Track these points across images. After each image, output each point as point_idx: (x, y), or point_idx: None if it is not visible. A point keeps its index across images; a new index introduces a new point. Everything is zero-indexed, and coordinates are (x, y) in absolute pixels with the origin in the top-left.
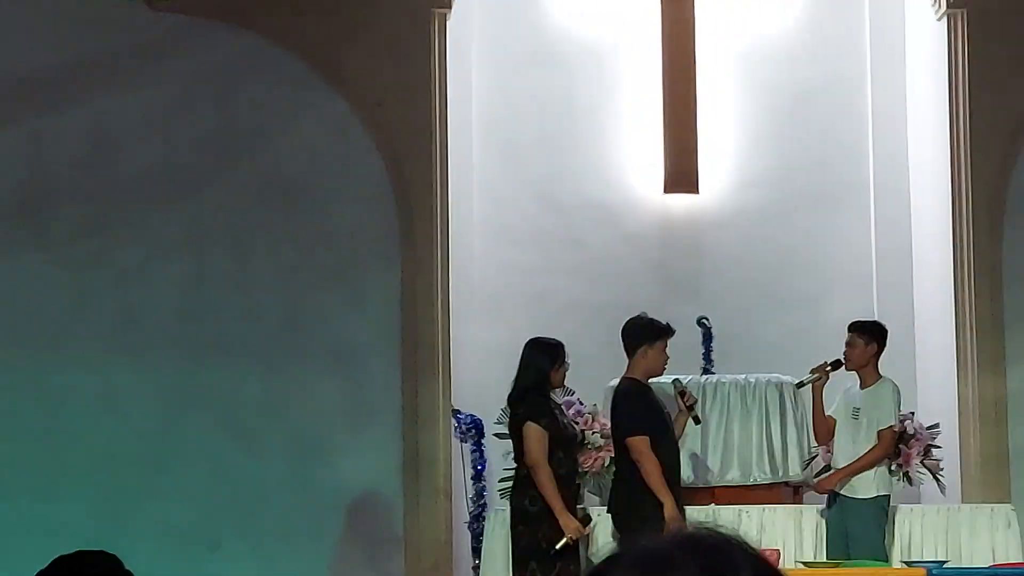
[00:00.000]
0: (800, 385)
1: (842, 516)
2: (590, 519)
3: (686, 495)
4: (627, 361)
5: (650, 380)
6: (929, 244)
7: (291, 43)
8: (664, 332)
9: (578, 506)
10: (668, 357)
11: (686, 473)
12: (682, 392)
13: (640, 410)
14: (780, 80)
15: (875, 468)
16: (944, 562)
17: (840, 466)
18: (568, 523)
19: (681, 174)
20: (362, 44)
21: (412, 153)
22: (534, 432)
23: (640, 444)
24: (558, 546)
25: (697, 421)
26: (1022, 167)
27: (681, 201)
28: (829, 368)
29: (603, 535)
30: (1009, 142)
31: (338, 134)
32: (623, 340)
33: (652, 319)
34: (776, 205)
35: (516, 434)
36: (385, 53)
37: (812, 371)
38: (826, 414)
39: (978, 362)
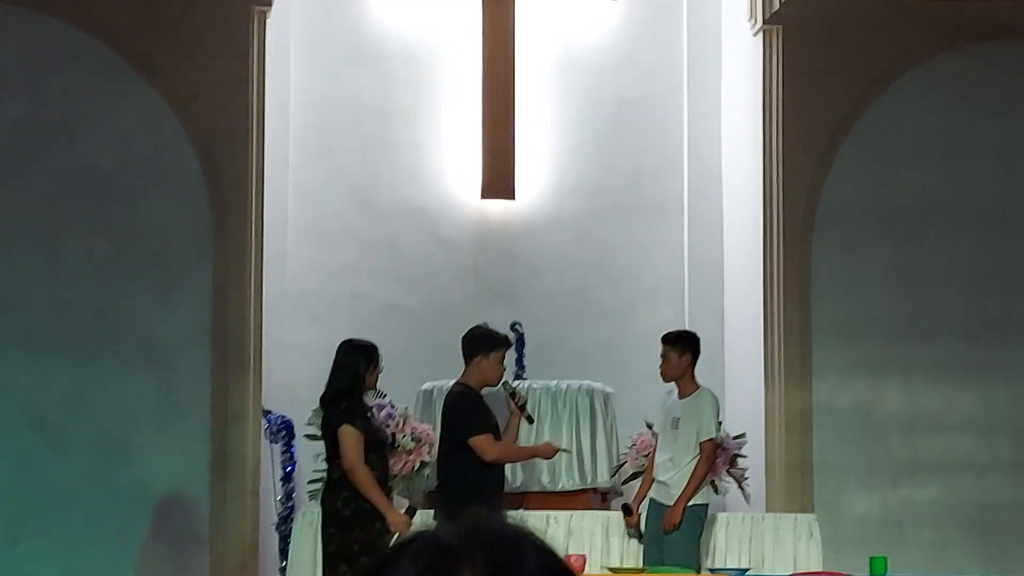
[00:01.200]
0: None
1: (659, 523)
2: (415, 510)
3: None
4: (442, 364)
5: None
6: (740, 255)
7: (105, 33)
8: (501, 344)
9: (404, 499)
10: (504, 369)
11: None
12: (512, 393)
13: (475, 410)
14: (598, 89)
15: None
16: (747, 570)
17: (659, 476)
18: (396, 519)
19: (498, 180)
20: (179, 37)
21: (227, 149)
22: (350, 434)
23: (483, 442)
24: (392, 543)
25: (530, 420)
26: (832, 182)
27: (497, 207)
28: (627, 517)
29: None
30: (820, 157)
31: (152, 127)
32: (462, 347)
33: (491, 330)
34: (591, 213)
35: (330, 436)
36: (202, 47)
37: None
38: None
39: (785, 373)
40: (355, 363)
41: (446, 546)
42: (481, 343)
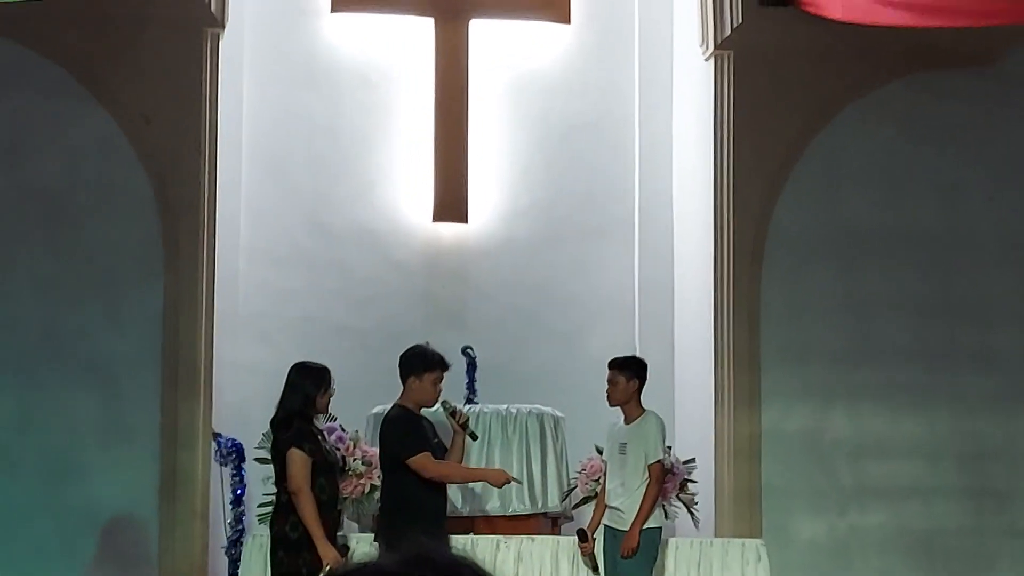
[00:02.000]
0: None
1: (615, 548)
2: (348, 548)
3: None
4: (393, 387)
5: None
6: (690, 280)
7: (56, 54)
8: (436, 365)
9: (339, 533)
10: (441, 390)
11: None
12: (453, 412)
13: (411, 431)
14: (550, 113)
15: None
16: None
17: (611, 502)
18: (327, 552)
19: (450, 203)
20: (131, 59)
21: (179, 171)
22: (297, 458)
23: (422, 461)
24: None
25: (474, 437)
26: (783, 207)
27: (449, 230)
28: (582, 544)
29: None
30: (771, 182)
31: (103, 148)
32: (399, 368)
33: (427, 350)
34: (542, 237)
35: (279, 459)
36: (154, 69)
37: (582, 552)
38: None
39: (734, 398)
40: (305, 385)
41: (388, 574)
42: (415, 364)
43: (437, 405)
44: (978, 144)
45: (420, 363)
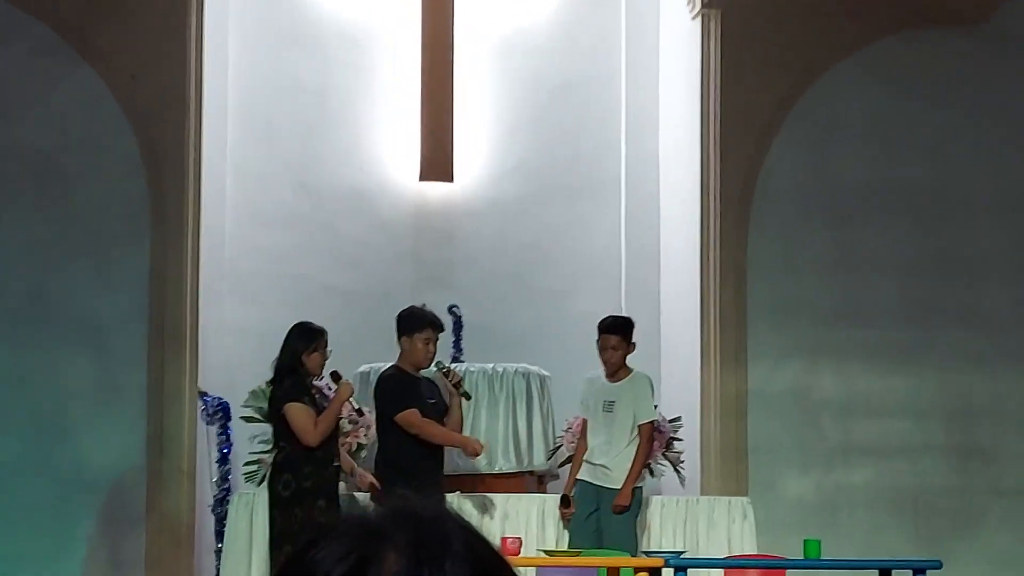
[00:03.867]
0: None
1: (597, 506)
2: (339, 375)
3: None
4: (380, 346)
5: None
6: (677, 239)
7: (43, 13)
8: (426, 325)
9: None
10: (433, 350)
11: None
12: (446, 372)
13: (401, 390)
14: (536, 73)
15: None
16: (681, 553)
17: (595, 460)
18: (345, 389)
19: (436, 163)
20: (117, 16)
21: (165, 130)
22: (299, 410)
23: (409, 417)
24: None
25: (467, 397)
26: (770, 165)
27: (436, 189)
28: (565, 509)
29: None
30: (757, 141)
31: (90, 107)
32: (395, 329)
33: (419, 310)
34: (529, 197)
35: (275, 416)
36: (141, 27)
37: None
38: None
39: (721, 357)
40: (295, 344)
41: (371, 528)
42: (405, 324)
43: (433, 365)
44: (968, 101)
45: (410, 324)
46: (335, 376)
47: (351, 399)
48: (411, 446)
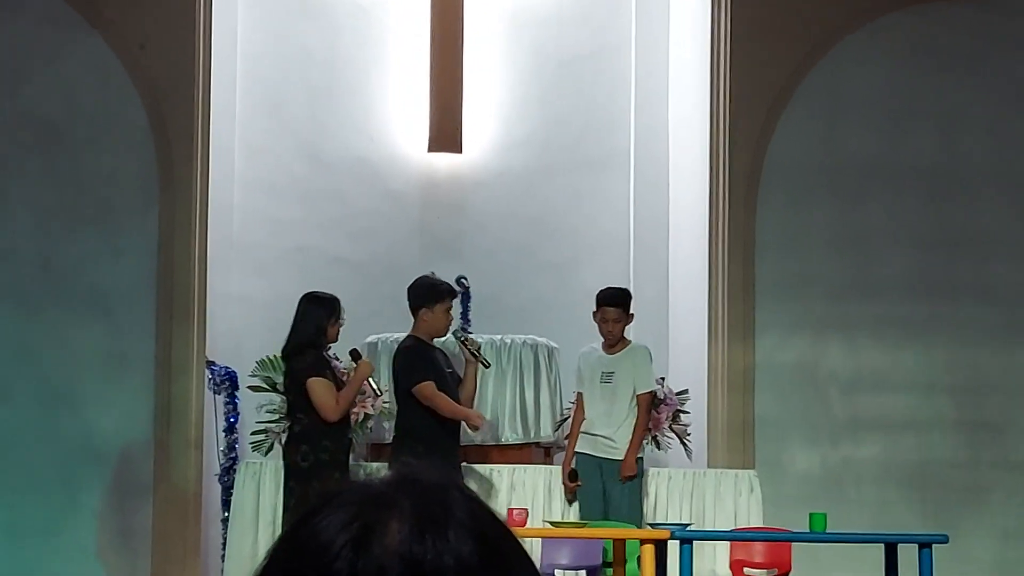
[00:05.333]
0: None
1: (601, 478)
2: (359, 353)
3: None
4: (388, 316)
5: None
6: (685, 212)
7: None
8: (446, 294)
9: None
10: (452, 318)
11: None
12: (464, 340)
13: (419, 362)
14: (546, 44)
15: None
16: (688, 525)
17: (596, 430)
18: (364, 367)
19: (445, 133)
20: None
21: (173, 99)
22: (321, 386)
23: (425, 389)
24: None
25: (487, 365)
26: (779, 139)
27: (444, 160)
28: (573, 483)
29: None
30: (768, 113)
31: (98, 77)
32: (408, 300)
33: (435, 280)
34: (538, 168)
35: (294, 389)
36: None
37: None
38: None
39: (728, 330)
40: (318, 315)
41: (374, 494)
42: (426, 295)
43: (449, 334)
44: (978, 75)
45: (431, 294)
46: (355, 355)
47: (371, 378)
48: (429, 418)
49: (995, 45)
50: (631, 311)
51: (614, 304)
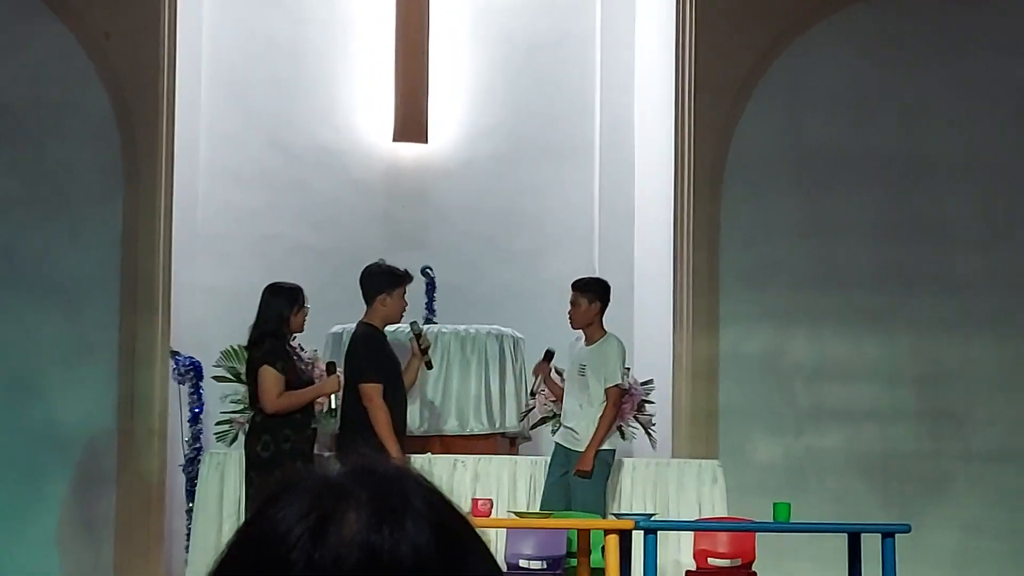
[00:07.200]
0: (533, 395)
1: (566, 469)
2: (335, 365)
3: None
4: (352, 306)
5: (387, 327)
6: (651, 202)
7: None
8: (403, 279)
9: (314, 451)
10: (407, 304)
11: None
12: (418, 335)
13: (376, 356)
14: (512, 33)
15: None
16: (652, 515)
17: (566, 422)
18: (330, 383)
19: (411, 122)
20: None
21: (138, 88)
22: (270, 375)
23: (372, 391)
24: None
25: (429, 366)
26: (743, 129)
27: (410, 150)
28: (545, 363)
29: None
30: (733, 104)
31: (62, 65)
32: (362, 287)
33: (391, 266)
34: (503, 158)
35: (252, 378)
36: None
37: (535, 375)
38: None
39: (693, 320)
40: (279, 305)
41: (332, 485)
42: (385, 281)
43: (403, 323)
44: (941, 66)
45: (390, 280)
46: (330, 368)
47: (334, 396)
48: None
49: (957, 36)
50: (597, 301)
51: (574, 288)
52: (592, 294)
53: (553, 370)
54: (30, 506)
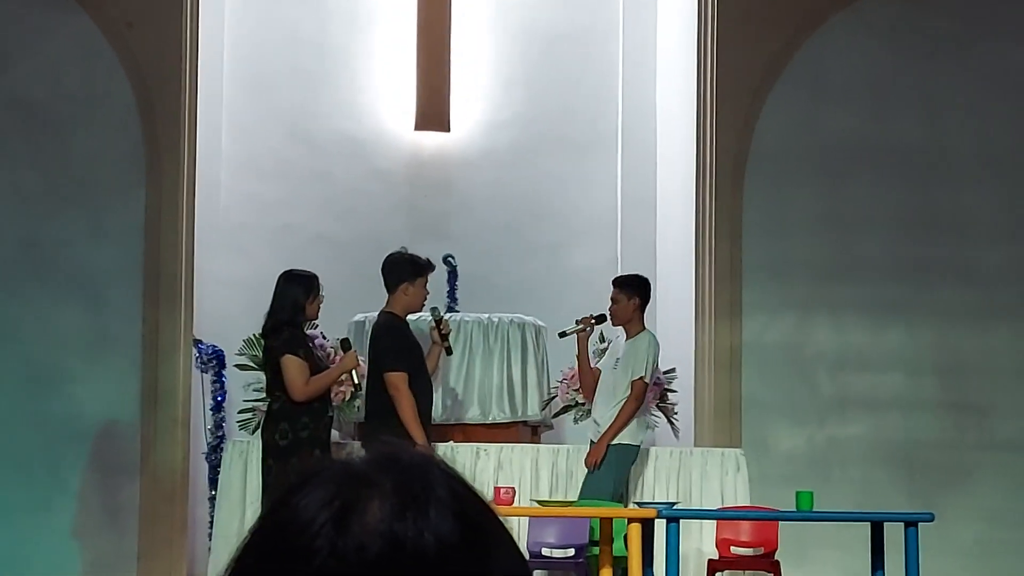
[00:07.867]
0: (563, 335)
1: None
2: (349, 342)
3: None
4: (374, 295)
5: (408, 316)
6: (673, 193)
7: None
8: (425, 268)
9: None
10: (428, 293)
11: None
12: (439, 321)
13: (400, 345)
14: (534, 24)
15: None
16: (675, 504)
17: (593, 414)
18: (348, 361)
19: (432, 112)
20: None
21: (161, 79)
22: (293, 363)
23: (398, 380)
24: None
25: (449, 352)
26: (765, 121)
27: (431, 139)
28: (594, 321)
29: None
30: (754, 96)
31: (85, 56)
32: (384, 276)
33: (413, 255)
34: (525, 148)
35: (270, 367)
36: None
37: (577, 322)
38: (594, 366)
39: (715, 310)
40: (294, 293)
41: (355, 473)
42: (405, 270)
43: (424, 311)
44: (962, 58)
45: (412, 269)
46: (345, 344)
47: (354, 371)
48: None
49: (978, 28)
50: (638, 296)
51: (615, 285)
52: (630, 290)
53: (595, 343)
54: (54, 497)
